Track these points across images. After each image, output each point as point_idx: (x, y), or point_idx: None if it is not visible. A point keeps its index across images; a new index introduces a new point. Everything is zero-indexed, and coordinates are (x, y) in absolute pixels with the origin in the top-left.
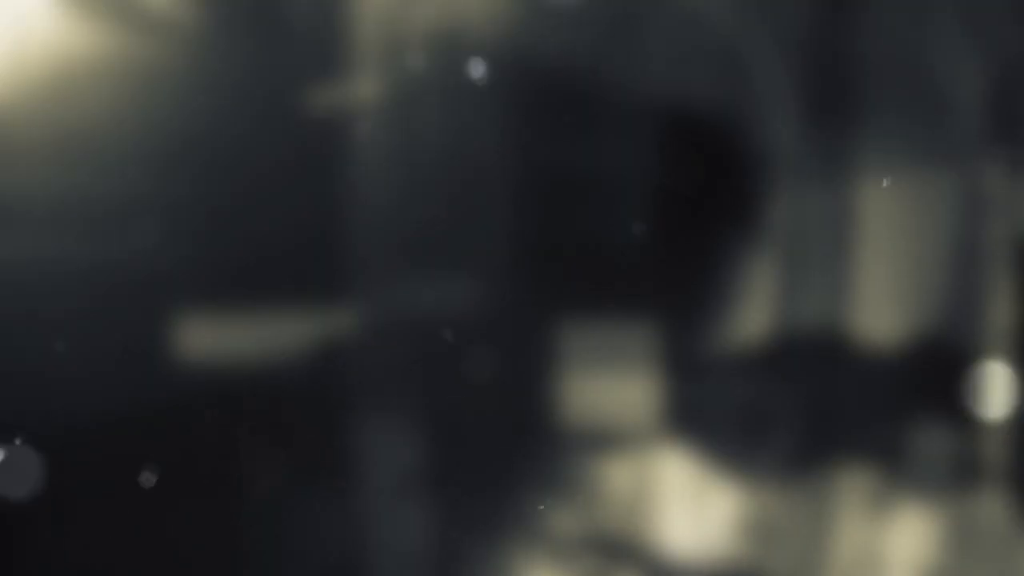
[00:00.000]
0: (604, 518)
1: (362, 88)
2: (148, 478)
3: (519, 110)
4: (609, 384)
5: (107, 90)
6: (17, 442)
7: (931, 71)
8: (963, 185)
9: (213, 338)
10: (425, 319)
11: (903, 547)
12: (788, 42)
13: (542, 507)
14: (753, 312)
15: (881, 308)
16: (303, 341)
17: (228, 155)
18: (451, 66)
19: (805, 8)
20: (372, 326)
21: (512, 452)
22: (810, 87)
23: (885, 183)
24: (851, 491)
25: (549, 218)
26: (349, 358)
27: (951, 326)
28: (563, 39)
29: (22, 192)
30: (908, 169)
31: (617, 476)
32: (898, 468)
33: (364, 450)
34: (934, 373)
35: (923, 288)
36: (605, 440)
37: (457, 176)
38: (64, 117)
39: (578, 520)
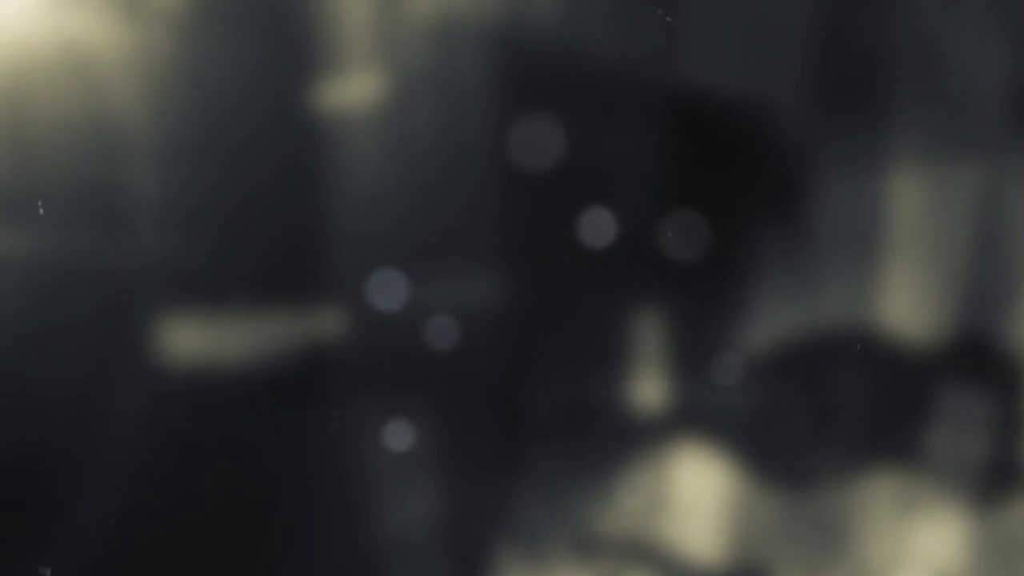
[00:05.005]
0: (619, 517)
1: (357, 85)
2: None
3: (519, 106)
4: (622, 382)
5: (96, 86)
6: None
7: (959, 61)
8: (990, 177)
9: (205, 338)
10: (426, 318)
11: (930, 553)
12: (812, 31)
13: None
14: (777, 308)
15: (909, 303)
16: (300, 341)
17: (220, 153)
18: (449, 62)
19: None
20: (369, 326)
21: (520, 450)
22: (835, 77)
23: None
24: (878, 493)
25: (554, 214)
26: (350, 357)
27: (980, 321)
28: (565, 30)
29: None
30: (934, 161)
31: (634, 475)
32: (927, 470)
33: (364, 451)
34: (963, 370)
35: (953, 283)
36: (623, 438)
37: (458, 173)
38: (51, 112)
39: (592, 519)
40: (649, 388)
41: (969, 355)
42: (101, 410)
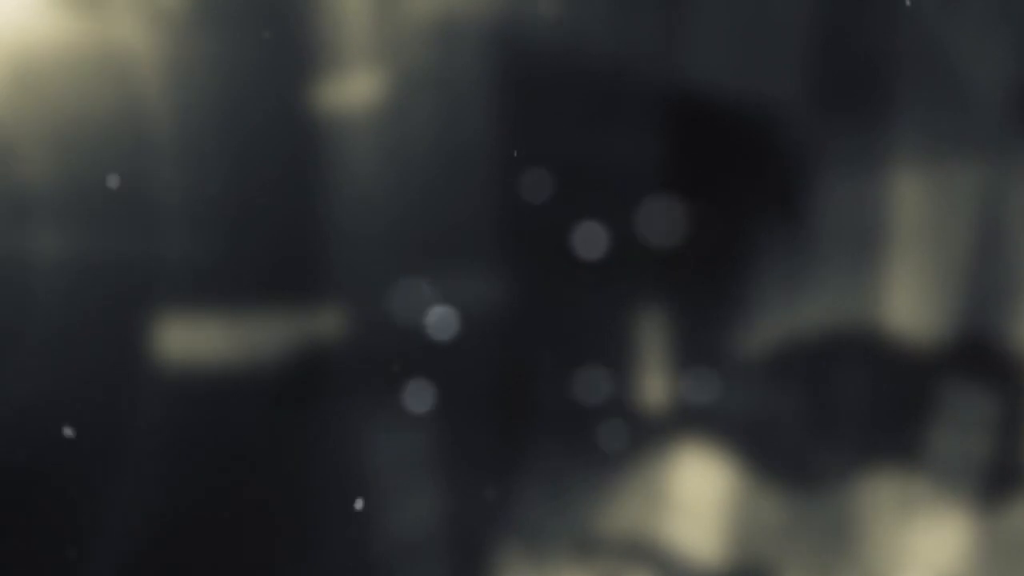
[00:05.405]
0: (619, 517)
1: (357, 85)
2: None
3: (518, 104)
4: (623, 381)
5: (95, 84)
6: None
7: (960, 61)
8: (991, 176)
9: (206, 337)
10: (426, 318)
11: (932, 553)
12: (813, 31)
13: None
14: (779, 307)
15: (911, 303)
16: (299, 340)
17: (220, 153)
18: (449, 62)
19: None
20: (369, 325)
21: (520, 449)
22: (836, 78)
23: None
24: (879, 493)
25: (554, 214)
26: (350, 356)
27: (982, 321)
28: (565, 30)
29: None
30: (936, 161)
31: (634, 474)
32: (929, 470)
33: (365, 450)
34: (965, 370)
35: (955, 283)
36: (624, 438)
37: (458, 173)
38: (48, 110)
39: (592, 519)
40: (651, 387)
41: (971, 355)
42: (102, 410)
